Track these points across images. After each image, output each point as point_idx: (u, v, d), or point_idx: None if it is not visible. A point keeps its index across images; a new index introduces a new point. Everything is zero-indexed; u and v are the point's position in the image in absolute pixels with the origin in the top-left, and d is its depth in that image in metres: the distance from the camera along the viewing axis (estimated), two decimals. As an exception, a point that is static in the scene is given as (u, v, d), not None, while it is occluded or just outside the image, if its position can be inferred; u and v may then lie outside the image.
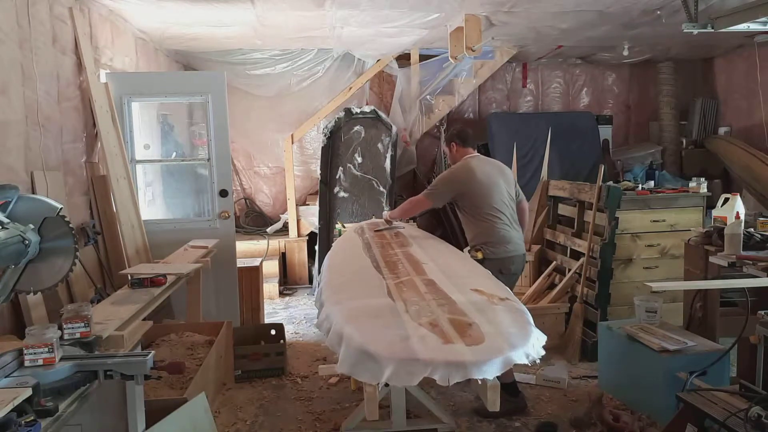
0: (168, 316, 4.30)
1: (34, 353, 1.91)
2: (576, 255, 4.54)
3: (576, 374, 3.94)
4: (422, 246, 3.42)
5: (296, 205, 6.66)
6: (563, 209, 4.94)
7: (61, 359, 1.95)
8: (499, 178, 3.62)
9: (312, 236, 6.53)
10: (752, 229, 3.40)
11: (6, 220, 1.99)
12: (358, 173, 6.09)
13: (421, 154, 7.20)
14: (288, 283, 6.58)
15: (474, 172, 3.55)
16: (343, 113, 6.04)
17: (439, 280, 2.66)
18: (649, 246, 4.26)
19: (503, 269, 3.44)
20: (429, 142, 7.39)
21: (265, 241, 6.35)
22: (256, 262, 5.18)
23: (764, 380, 2.59)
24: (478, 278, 2.78)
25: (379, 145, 6.12)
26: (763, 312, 2.65)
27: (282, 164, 6.86)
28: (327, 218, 6.06)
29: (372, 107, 6.22)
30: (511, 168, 5.38)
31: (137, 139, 4.61)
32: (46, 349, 1.91)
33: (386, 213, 4.10)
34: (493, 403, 1.99)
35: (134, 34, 5.11)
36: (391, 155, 6.15)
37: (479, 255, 3.44)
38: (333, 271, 3.13)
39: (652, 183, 4.90)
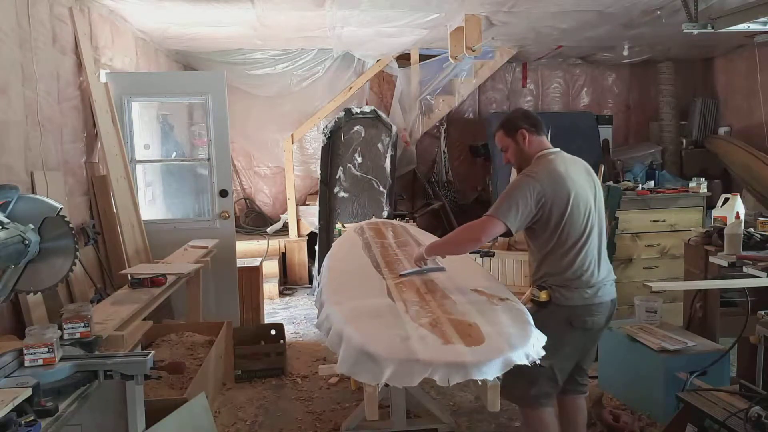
0: (168, 316, 4.30)
1: (34, 353, 1.91)
2: (576, 255, 4.53)
3: (576, 374, 3.94)
4: (422, 245, 3.42)
5: (296, 205, 6.66)
6: (563, 209, 4.94)
7: (61, 359, 1.95)
8: (588, 186, 2.52)
9: (312, 236, 6.53)
10: (752, 229, 3.40)
11: (6, 220, 1.99)
12: (358, 173, 6.09)
13: (421, 154, 7.20)
14: (288, 283, 6.58)
15: (565, 180, 2.43)
16: (343, 113, 6.04)
17: (439, 280, 2.66)
18: (649, 246, 4.26)
19: (574, 321, 2.42)
20: (429, 142, 7.39)
21: (265, 241, 6.34)
22: (256, 262, 5.18)
23: (764, 380, 2.59)
24: (478, 278, 2.77)
25: (379, 145, 6.12)
26: (763, 312, 2.65)
27: (282, 164, 6.86)
28: (327, 218, 6.06)
29: (372, 107, 6.22)
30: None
31: (137, 139, 4.61)
32: (46, 349, 1.91)
33: (420, 249, 2.73)
34: (493, 403, 1.99)
35: (134, 34, 5.11)
36: (391, 155, 6.15)
37: (543, 296, 2.45)
38: (333, 271, 3.13)
39: (652, 183, 4.91)
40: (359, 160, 6.08)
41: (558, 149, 2.60)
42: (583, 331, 2.46)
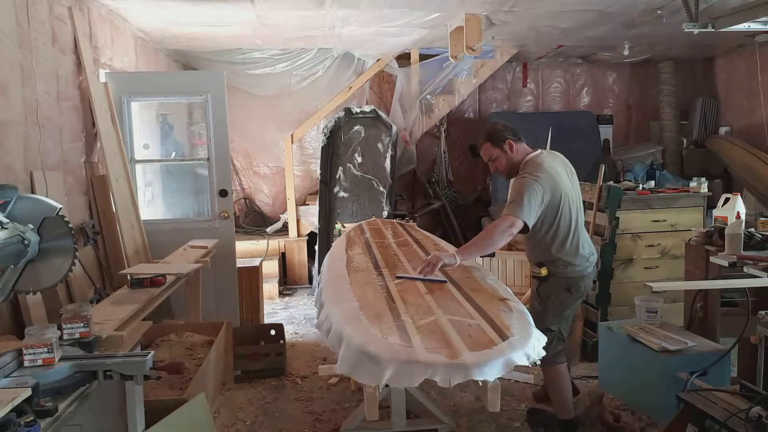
0: (168, 316, 4.29)
1: (34, 353, 1.90)
2: (576, 255, 4.53)
3: (576, 374, 3.93)
4: (423, 245, 3.42)
5: (296, 205, 6.66)
6: (563, 209, 4.93)
7: (61, 359, 1.94)
8: (568, 179, 3.00)
9: (312, 236, 6.53)
10: (753, 229, 3.39)
11: (5, 220, 1.99)
12: (358, 173, 6.09)
13: (421, 154, 7.19)
14: (288, 283, 6.58)
15: (557, 179, 2.88)
16: (343, 113, 6.03)
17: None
18: (649, 246, 4.25)
19: (572, 288, 2.97)
20: (429, 142, 7.39)
21: (265, 241, 6.34)
22: (255, 262, 5.17)
23: (765, 380, 2.58)
24: (478, 278, 2.77)
25: (379, 145, 6.12)
26: (763, 312, 2.64)
27: (282, 164, 6.86)
28: (327, 218, 6.06)
29: (372, 107, 6.21)
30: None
31: (137, 139, 4.61)
32: (46, 349, 1.91)
33: (445, 256, 2.81)
34: (493, 403, 1.99)
35: (134, 33, 5.11)
36: (391, 155, 6.14)
37: (543, 271, 2.96)
38: (333, 271, 3.13)
39: (652, 183, 4.89)
40: (359, 160, 6.07)
41: (539, 150, 3.01)
42: (578, 296, 3.02)
